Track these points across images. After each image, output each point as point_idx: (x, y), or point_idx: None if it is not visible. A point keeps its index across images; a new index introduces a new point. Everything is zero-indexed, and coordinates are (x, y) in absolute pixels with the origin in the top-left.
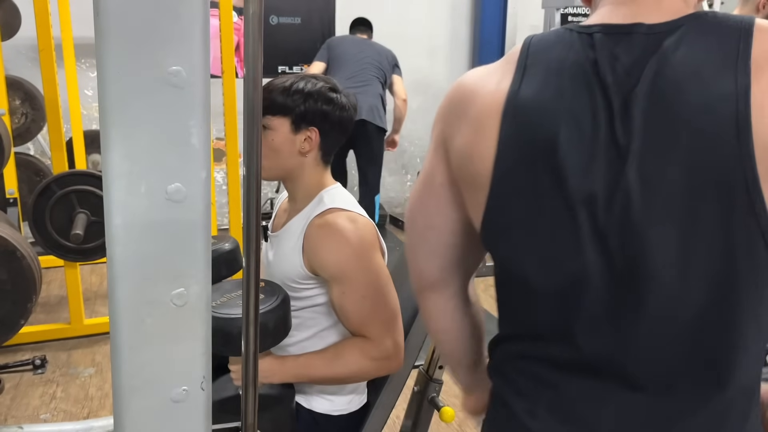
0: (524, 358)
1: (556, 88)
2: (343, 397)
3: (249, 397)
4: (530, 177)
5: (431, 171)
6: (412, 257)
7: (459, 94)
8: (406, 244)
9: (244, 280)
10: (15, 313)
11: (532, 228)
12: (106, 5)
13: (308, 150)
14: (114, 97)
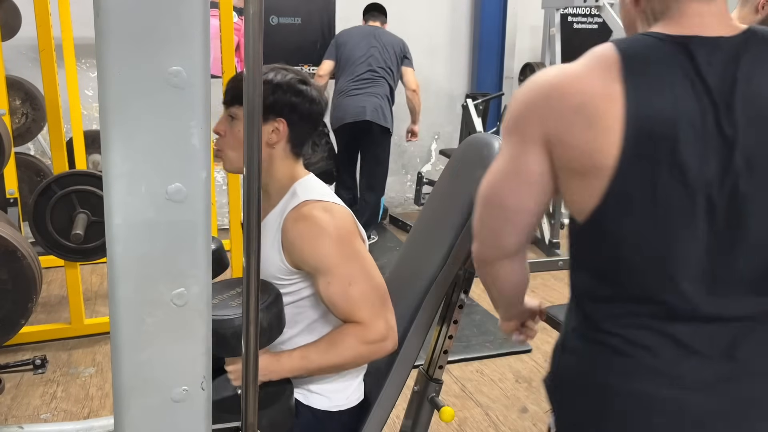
0: (636, 315)
1: (671, 94)
2: (341, 393)
3: (249, 396)
4: (651, 169)
5: (524, 161)
6: (493, 236)
7: (559, 94)
8: (484, 225)
9: (244, 280)
10: (15, 313)
11: (653, 209)
12: (106, 6)
13: (276, 141)
14: (114, 98)
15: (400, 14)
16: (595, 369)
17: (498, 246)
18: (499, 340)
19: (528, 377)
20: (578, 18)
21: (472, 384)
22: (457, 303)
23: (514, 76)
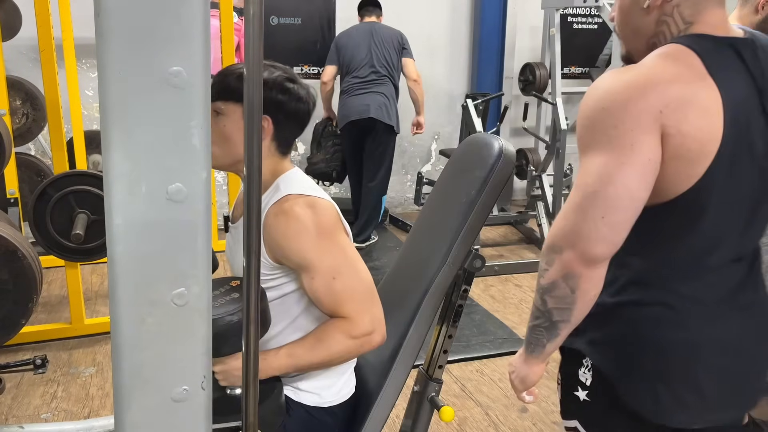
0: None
1: (740, 84)
2: (331, 389)
3: (250, 396)
4: (737, 150)
5: (638, 152)
6: (612, 231)
7: (671, 91)
8: (596, 221)
9: (244, 280)
10: (16, 313)
11: (737, 182)
12: (106, 6)
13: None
14: (115, 98)
15: (400, 14)
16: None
17: (613, 242)
18: (499, 340)
19: None
20: (578, 18)
21: (472, 384)
22: (457, 303)
23: (514, 76)
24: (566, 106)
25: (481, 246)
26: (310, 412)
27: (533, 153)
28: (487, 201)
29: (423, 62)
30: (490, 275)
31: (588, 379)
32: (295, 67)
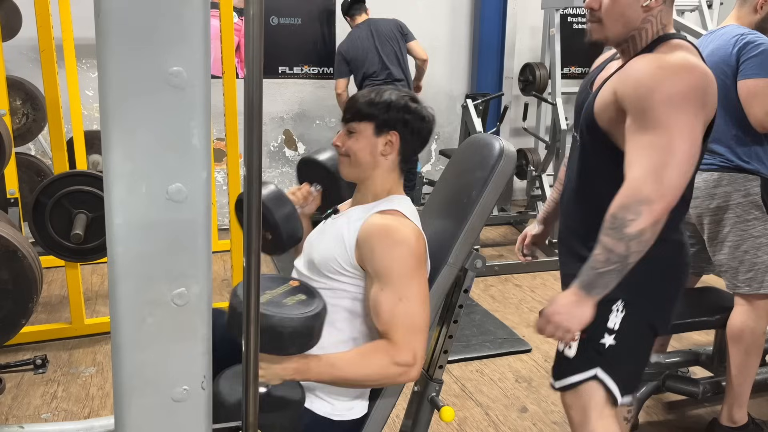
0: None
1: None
2: (345, 402)
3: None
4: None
5: (696, 130)
6: (684, 186)
7: (711, 80)
8: (686, 176)
9: (244, 279)
10: (16, 313)
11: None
12: (107, 6)
13: (388, 153)
14: (115, 98)
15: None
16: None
17: (673, 199)
18: (499, 340)
19: (528, 377)
20: (578, 18)
21: (471, 384)
22: (457, 303)
23: (513, 76)
24: (566, 106)
25: (481, 246)
26: (318, 422)
27: (533, 153)
28: (487, 201)
29: None
30: (490, 275)
31: (616, 324)
32: (295, 67)
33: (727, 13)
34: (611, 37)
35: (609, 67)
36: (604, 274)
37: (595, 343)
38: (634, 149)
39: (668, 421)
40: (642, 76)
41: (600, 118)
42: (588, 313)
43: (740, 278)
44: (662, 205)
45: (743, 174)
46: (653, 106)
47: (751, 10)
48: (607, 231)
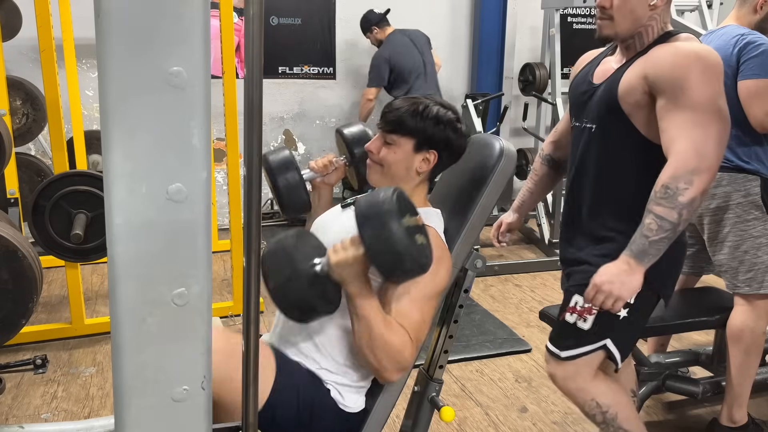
0: None
1: None
2: (351, 395)
3: (249, 396)
4: None
5: (726, 108)
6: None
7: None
8: (723, 152)
9: (244, 278)
10: (16, 313)
11: None
12: (107, 6)
13: (424, 170)
14: (115, 98)
15: (400, 15)
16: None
17: (718, 164)
18: (499, 340)
19: (528, 377)
20: (578, 18)
21: (471, 384)
22: (458, 303)
23: (513, 76)
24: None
25: (481, 246)
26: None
27: (533, 153)
28: (488, 201)
29: None
30: (490, 275)
31: (633, 298)
32: (295, 67)
33: (727, 13)
34: (621, 33)
35: (606, 61)
36: (657, 241)
37: (612, 315)
38: (675, 126)
39: (668, 421)
40: (677, 59)
41: (624, 102)
42: (639, 281)
43: (740, 278)
44: (710, 175)
45: (743, 174)
46: (691, 86)
47: (751, 10)
48: (659, 200)
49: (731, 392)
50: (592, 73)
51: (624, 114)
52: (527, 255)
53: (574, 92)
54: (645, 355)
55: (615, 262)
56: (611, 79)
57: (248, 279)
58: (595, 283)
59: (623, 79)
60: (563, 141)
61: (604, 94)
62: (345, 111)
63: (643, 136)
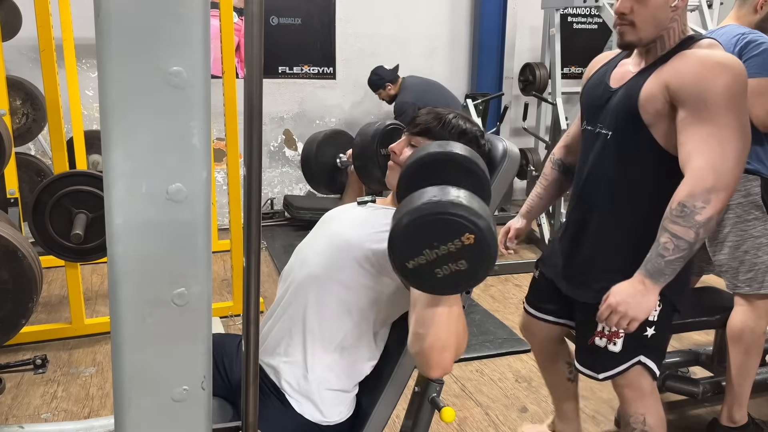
0: None
1: None
2: (334, 408)
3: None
4: None
5: (748, 125)
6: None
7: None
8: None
9: (244, 278)
10: (16, 313)
11: None
12: (106, 6)
13: None
14: (115, 98)
15: (401, 15)
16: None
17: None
18: (499, 340)
19: (528, 377)
20: (578, 18)
21: (471, 384)
22: None
23: (513, 76)
24: (566, 106)
25: None
26: (305, 425)
27: (533, 153)
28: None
29: (423, 62)
30: (490, 275)
31: (655, 316)
32: (295, 67)
33: (727, 13)
34: (644, 39)
35: (623, 63)
36: (673, 261)
37: (639, 336)
38: (694, 140)
39: (668, 421)
40: (701, 69)
41: (644, 110)
42: (653, 301)
43: (740, 278)
44: (727, 193)
45: (744, 174)
46: (715, 100)
47: (751, 10)
48: (675, 219)
49: (731, 392)
50: (608, 75)
51: (643, 122)
52: (527, 255)
53: (589, 95)
54: None
55: (630, 282)
56: (631, 85)
57: (248, 279)
58: (610, 304)
59: (645, 87)
60: (575, 146)
61: (622, 100)
62: (345, 111)
63: (661, 146)
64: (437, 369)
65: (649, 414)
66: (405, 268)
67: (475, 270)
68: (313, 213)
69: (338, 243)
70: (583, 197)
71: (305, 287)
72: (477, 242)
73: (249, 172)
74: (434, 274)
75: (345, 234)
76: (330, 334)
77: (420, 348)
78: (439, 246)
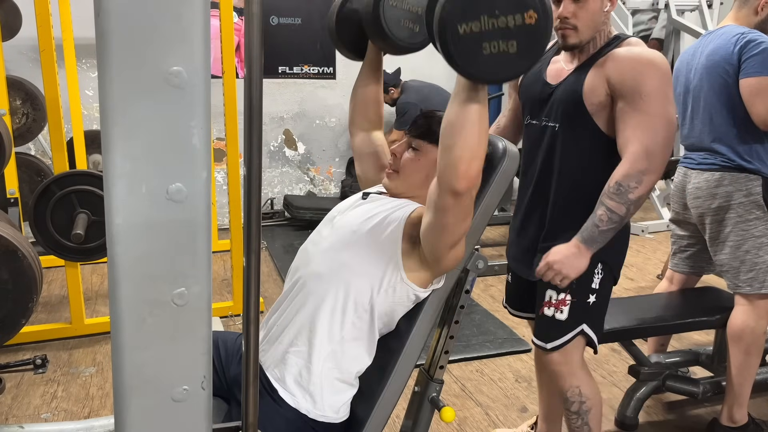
0: None
1: None
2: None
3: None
4: None
5: (674, 113)
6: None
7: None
8: (668, 152)
9: (244, 278)
10: (16, 313)
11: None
12: (106, 6)
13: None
14: (115, 98)
15: None
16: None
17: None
18: (499, 340)
19: (528, 377)
20: None
21: (471, 383)
22: (459, 303)
23: None
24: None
25: (481, 246)
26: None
27: None
28: (490, 201)
29: (423, 62)
30: (490, 275)
31: (597, 283)
32: (295, 67)
33: (727, 13)
34: (584, 40)
35: (555, 60)
36: (606, 231)
37: (583, 302)
38: (630, 128)
39: (668, 421)
40: (637, 66)
41: (588, 102)
42: (585, 263)
43: (741, 278)
44: (656, 175)
45: (745, 174)
46: (648, 92)
47: (752, 11)
48: (611, 195)
49: (731, 392)
50: (544, 72)
51: (588, 113)
52: None
53: (528, 91)
54: (645, 355)
55: (566, 245)
56: (571, 80)
57: (248, 279)
58: (548, 262)
59: (587, 81)
60: (507, 137)
61: (565, 94)
62: (345, 111)
63: (603, 133)
64: (464, 180)
65: (583, 385)
66: (455, 33)
67: (523, 56)
68: (313, 213)
69: (345, 236)
70: (539, 185)
71: (312, 280)
72: (537, 25)
73: (249, 172)
74: (481, 48)
75: (352, 226)
76: (335, 327)
77: (449, 159)
78: (499, 16)
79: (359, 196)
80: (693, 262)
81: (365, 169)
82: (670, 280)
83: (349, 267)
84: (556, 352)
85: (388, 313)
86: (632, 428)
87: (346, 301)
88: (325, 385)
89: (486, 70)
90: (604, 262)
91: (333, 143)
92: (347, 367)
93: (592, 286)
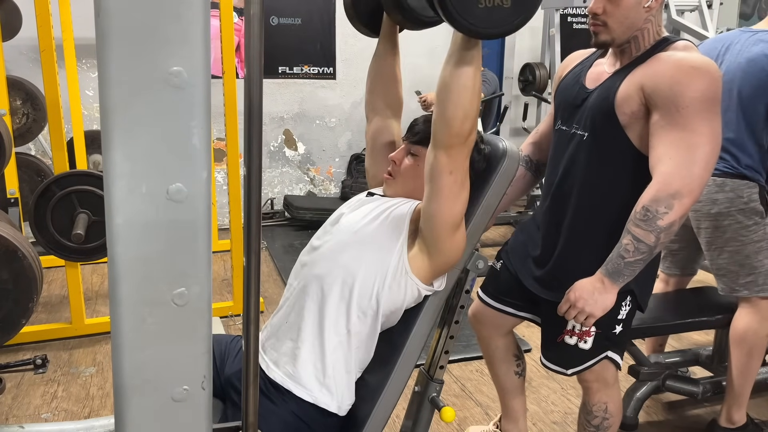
0: None
1: None
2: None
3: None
4: None
5: (720, 130)
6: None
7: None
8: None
9: (244, 278)
10: (16, 313)
11: None
12: (106, 6)
13: None
14: (115, 98)
15: None
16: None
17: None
18: None
19: (528, 377)
20: (578, 18)
21: (471, 383)
22: (459, 303)
23: (513, 76)
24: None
25: (481, 246)
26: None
27: None
28: (491, 201)
29: (423, 62)
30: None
31: (624, 314)
32: (295, 67)
33: (728, 13)
34: (617, 39)
35: (598, 63)
36: (633, 263)
37: (608, 333)
38: (663, 144)
39: (668, 421)
40: (676, 73)
41: (621, 111)
42: (611, 299)
43: (740, 282)
44: (691, 199)
45: (745, 181)
46: (687, 104)
47: None
48: (638, 222)
49: (731, 393)
50: (584, 75)
51: (619, 124)
52: None
53: (563, 94)
54: (645, 355)
55: (590, 279)
56: (606, 86)
57: (248, 279)
58: (569, 299)
59: (621, 88)
60: (544, 144)
61: (598, 100)
62: (345, 111)
63: (635, 148)
64: (457, 137)
65: (610, 402)
66: None
67: (516, 11)
68: (313, 213)
69: (350, 233)
70: (557, 197)
71: (318, 277)
72: None
73: (249, 172)
74: (476, 2)
75: (357, 224)
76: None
77: (443, 118)
78: None
79: (364, 196)
80: (683, 264)
81: (376, 163)
82: (665, 283)
83: (355, 263)
84: (583, 372)
85: (392, 308)
86: (632, 428)
87: (351, 296)
88: (337, 376)
89: (480, 24)
90: (632, 292)
91: (333, 143)
92: (352, 358)
93: (618, 318)
